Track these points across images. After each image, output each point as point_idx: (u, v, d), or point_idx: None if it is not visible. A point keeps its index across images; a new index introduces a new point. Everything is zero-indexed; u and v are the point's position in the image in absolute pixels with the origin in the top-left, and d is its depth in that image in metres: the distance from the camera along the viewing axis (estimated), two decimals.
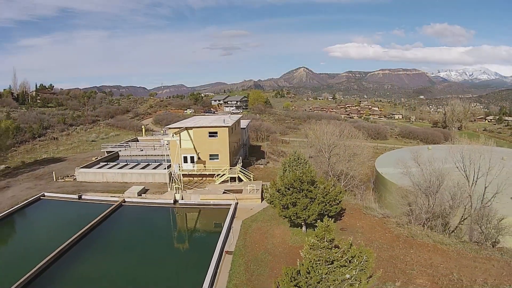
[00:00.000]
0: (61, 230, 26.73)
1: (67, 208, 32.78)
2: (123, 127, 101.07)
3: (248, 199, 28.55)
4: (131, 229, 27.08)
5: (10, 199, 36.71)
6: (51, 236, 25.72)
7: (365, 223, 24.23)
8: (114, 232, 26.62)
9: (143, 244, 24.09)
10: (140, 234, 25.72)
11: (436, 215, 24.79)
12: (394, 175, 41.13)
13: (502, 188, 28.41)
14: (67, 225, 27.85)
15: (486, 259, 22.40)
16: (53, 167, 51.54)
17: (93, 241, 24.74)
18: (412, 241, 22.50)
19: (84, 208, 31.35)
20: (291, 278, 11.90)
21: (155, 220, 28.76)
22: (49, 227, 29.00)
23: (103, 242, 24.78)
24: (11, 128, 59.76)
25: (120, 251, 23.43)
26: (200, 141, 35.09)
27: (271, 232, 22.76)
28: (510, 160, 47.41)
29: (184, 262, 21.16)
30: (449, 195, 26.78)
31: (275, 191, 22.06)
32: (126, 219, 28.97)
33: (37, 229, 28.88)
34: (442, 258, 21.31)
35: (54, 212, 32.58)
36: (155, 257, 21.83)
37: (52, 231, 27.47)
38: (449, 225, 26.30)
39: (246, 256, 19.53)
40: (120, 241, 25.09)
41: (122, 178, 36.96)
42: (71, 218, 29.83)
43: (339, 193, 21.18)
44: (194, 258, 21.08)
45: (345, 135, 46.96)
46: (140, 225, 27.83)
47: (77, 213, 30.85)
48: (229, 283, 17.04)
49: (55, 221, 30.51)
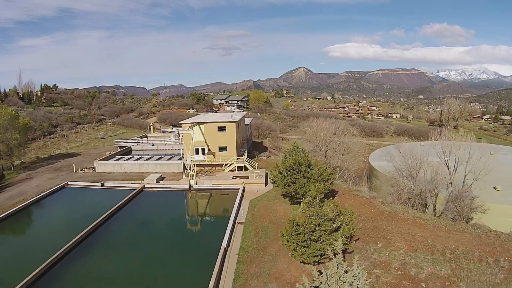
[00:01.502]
0: (89, 211, 30.27)
1: (91, 194, 36.81)
2: (129, 125, 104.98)
3: (254, 184, 32.72)
4: (153, 209, 31.33)
5: (36, 188, 40.56)
6: (81, 217, 29.04)
7: (354, 202, 28.29)
8: (138, 212, 30.75)
9: (166, 219, 28.33)
10: (161, 213, 29.99)
11: (416, 195, 28.88)
12: (384, 167, 45.27)
13: (480, 176, 32.55)
14: (94, 207, 31.58)
15: (459, 232, 26.39)
16: (70, 161, 55.42)
17: (120, 219, 28.72)
18: (394, 216, 26.57)
19: (108, 194, 35.40)
20: (293, 227, 15.95)
21: (173, 201, 33.13)
22: (77, 210, 32.86)
23: (129, 220, 28.83)
24: (29, 125, 63.91)
25: (146, 226, 27.53)
26: (210, 134, 39.26)
27: (274, 208, 26.89)
28: (496, 153, 52.03)
29: (204, 231, 25.50)
30: (428, 179, 30.93)
31: (278, 173, 26.17)
32: (147, 201, 33.18)
33: (66, 212, 32.68)
34: (420, 229, 25.33)
35: (80, 197, 36.53)
36: (178, 230, 26.14)
37: (81, 213, 30.96)
38: (428, 205, 30.41)
39: (255, 225, 23.67)
40: (145, 219, 29.20)
41: (139, 169, 41.03)
42: (97, 202, 33.80)
43: (331, 174, 25.22)
44: (213, 228, 25.45)
45: (340, 131, 51.04)
46: (160, 206, 32.13)
47: (102, 198, 34.86)
48: (242, 243, 21.19)
49: (82, 205, 34.41)
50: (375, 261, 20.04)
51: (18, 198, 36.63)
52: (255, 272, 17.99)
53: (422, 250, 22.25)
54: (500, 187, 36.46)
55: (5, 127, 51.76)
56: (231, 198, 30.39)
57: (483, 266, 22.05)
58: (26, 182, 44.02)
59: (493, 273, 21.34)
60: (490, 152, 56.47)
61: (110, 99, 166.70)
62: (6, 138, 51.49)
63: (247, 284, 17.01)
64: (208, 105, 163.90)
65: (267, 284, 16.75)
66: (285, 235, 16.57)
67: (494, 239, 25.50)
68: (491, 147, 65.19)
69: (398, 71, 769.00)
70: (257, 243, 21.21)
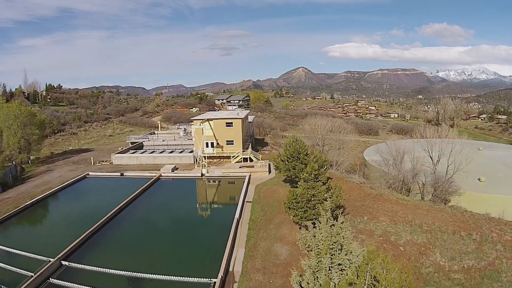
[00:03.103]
0: (113, 197, 34.04)
1: (112, 182, 41.01)
2: (135, 124, 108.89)
3: (258, 172, 37.10)
4: (171, 194, 35.89)
5: (58, 178, 44.48)
6: (106, 201, 32.93)
7: (346, 186, 32.45)
8: (158, 195, 35.09)
9: (183, 201, 32.82)
10: (179, 196, 34.55)
11: (400, 181, 33.16)
12: (375, 160, 49.62)
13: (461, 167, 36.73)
14: (116, 193, 35.55)
15: (437, 211, 30.54)
16: (85, 155, 59.42)
17: (142, 201, 32.96)
18: (380, 197, 30.84)
19: (128, 182, 39.59)
20: (293, 196, 20.19)
21: (188, 187, 37.84)
22: (101, 195, 37.19)
23: (151, 202, 33.07)
24: (46, 121, 68.15)
25: (166, 206, 31.96)
26: (219, 130, 43.71)
27: (277, 190, 31.24)
28: (485, 149, 56.59)
29: (218, 208, 29.95)
30: (410, 167, 35.26)
31: (280, 161, 30.47)
32: (165, 187, 37.67)
33: (92, 197, 36.95)
34: (402, 208, 29.55)
35: (102, 185, 40.74)
36: (195, 209, 30.49)
37: (106, 197, 35.36)
38: (411, 189, 34.71)
39: (261, 203, 28.03)
40: (164, 201, 33.60)
41: (154, 161, 45.34)
42: (119, 189, 37.96)
43: (325, 161, 29.43)
44: (225, 206, 29.99)
45: (336, 128, 55.36)
46: (177, 191, 36.81)
47: (123, 185, 39.03)
48: (251, 216, 25.60)
49: (105, 191, 38.68)
50: (361, 229, 24.29)
51: (44, 186, 40.49)
52: (263, 235, 22.28)
53: (402, 223, 26.46)
54: (484, 179, 40.91)
55: (24, 124, 55.65)
56: (239, 183, 34.77)
57: (456, 238, 26.08)
58: (48, 174, 47.86)
59: (465, 244, 25.35)
60: (479, 148, 61.06)
61: (114, 98, 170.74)
62: (26, 134, 55.36)
63: (257, 244, 21.28)
64: (210, 105, 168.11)
65: (273, 244, 21.02)
66: (287, 204, 20.78)
67: (469, 217, 29.50)
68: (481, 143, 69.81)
69: (398, 71, 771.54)
70: (264, 216, 25.56)
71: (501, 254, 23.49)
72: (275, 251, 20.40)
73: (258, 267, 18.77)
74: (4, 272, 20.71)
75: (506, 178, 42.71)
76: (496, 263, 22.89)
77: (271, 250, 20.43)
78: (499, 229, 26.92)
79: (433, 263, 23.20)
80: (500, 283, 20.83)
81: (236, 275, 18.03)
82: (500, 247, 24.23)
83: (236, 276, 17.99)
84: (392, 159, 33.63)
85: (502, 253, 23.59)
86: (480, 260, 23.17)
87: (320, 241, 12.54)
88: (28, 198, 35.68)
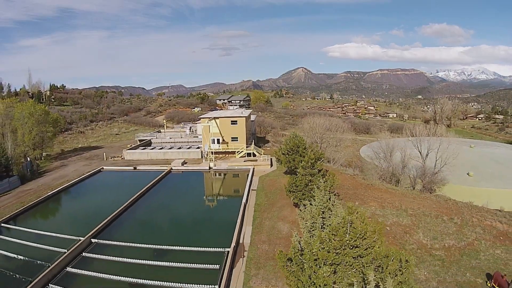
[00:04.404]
0: (128, 187, 37.33)
1: (126, 175, 44.34)
2: (139, 123, 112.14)
3: (261, 165, 40.72)
4: (182, 184, 39.52)
5: (74, 172, 47.54)
6: (123, 190, 36.26)
7: (340, 177, 35.84)
8: (170, 186, 38.61)
9: (194, 190, 36.31)
10: (189, 186, 38.05)
11: (389, 173, 36.62)
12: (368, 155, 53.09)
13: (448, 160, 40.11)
14: (131, 184, 38.77)
15: (423, 199, 33.84)
16: (95, 152, 62.60)
17: (156, 192, 36.32)
18: (371, 186, 34.28)
19: (141, 175, 42.96)
20: (293, 181, 23.58)
21: (198, 179, 41.56)
22: (118, 186, 40.52)
23: (165, 191, 36.50)
24: (59, 119, 71.58)
25: (179, 195, 35.41)
26: (224, 127, 47.32)
27: (279, 181, 34.72)
28: (477, 147, 60.27)
29: (226, 195, 33.60)
30: (400, 161, 38.78)
31: (281, 154, 33.95)
32: (176, 179, 41.33)
33: (109, 187, 40.31)
34: (390, 195, 32.94)
35: (118, 178, 44.04)
36: (204, 197, 33.93)
37: (122, 188, 38.59)
38: (400, 180, 38.18)
39: (264, 191, 31.55)
40: (177, 190, 37.13)
41: (164, 156, 48.82)
42: (133, 180, 41.24)
43: (321, 154, 32.81)
44: (232, 194, 33.40)
45: (333, 126, 58.87)
46: (187, 182, 40.48)
47: (136, 178, 42.34)
48: (256, 201, 29.15)
49: (121, 182, 41.98)
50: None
51: (62, 179, 43.54)
52: (267, 216, 25.76)
53: (389, 208, 29.84)
54: (472, 173, 44.42)
55: (39, 121, 58.84)
56: (244, 175, 38.34)
57: (438, 221, 29.17)
58: (63, 168, 50.97)
59: (447, 226, 28.38)
60: (471, 145, 64.67)
61: (117, 98, 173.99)
62: (40, 131, 58.54)
63: (262, 223, 24.73)
64: (211, 105, 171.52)
65: (276, 222, 24.47)
66: (288, 188, 24.21)
67: (452, 204, 32.65)
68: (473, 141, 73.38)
69: (397, 71, 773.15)
70: (267, 201, 29.07)
71: (480, 236, 25.94)
72: (278, 227, 23.85)
73: (264, 239, 22.22)
74: (39, 250, 23.37)
75: (494, 173, 46.13)
76: (475, 244, 25.34)
77: (274, 227, 23.87)
78: (480, 215, 29.53)
79: (416, 241, 26.36)
80: (479, 260, 23.19)
81: (245, 246, 21.49)
82: (480, 230, 26.73)
83: (246, 246, 21.45)
84: (383, 153, 37.10)
85: (481, 235, 26.05)
86: (460, 240, 25.82)
87: (314, 206, 15.82)
88: (49, 189, 38.70)
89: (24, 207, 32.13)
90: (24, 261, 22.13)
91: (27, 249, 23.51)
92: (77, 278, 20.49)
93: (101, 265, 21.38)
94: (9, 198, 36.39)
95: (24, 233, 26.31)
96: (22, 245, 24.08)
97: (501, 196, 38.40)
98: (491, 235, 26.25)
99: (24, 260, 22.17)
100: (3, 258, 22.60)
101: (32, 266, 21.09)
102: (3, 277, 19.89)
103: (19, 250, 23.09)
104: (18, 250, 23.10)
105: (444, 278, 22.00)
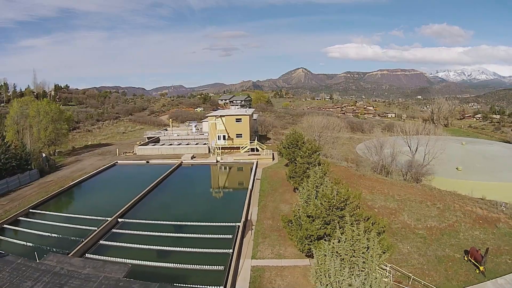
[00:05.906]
0: (143, 178, 40.71)
1: (140, 169, 48.18)
2: (143, 122, 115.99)
3: (264, 159, 44.84)
4: (192, 176, 43.53)
5: (90, 166, 51.10)
6: (138, 181, 39.81)
7: (335, 169, 39.88)
8: (182, 177, 42.60)
9: (204, 181, 40.37)
10: (199, 177, 42.10)
11: (380, 165, 40.56)
12: (362, 149, 57.02)
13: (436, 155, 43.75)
14: (146, 176, 42.33)
15: (409, 187, 37.53)
16: (107, 149, 66.27)
17: (170, 182, 40.20)
18: (363, 176, 38.19)
19: (154, 168, 46.80)
20: (292, 169, 27.47)
21: (206, 171, 45.69)
22: (133, 177, 44.27)
23: (177, 181, 40.42)
24: (72, 117, 75.51)
25: (190, 184, 39.28)
26: (229, 124, 51.35)
27: (280, 171, 38.73)
28: (468, 144, 64.16)
29: (233, 184, 37.40)
30: (390, 154, 42.77)
31: (282, 148, 37.98)
32: (187, 171, 45.37)
33: (126, 178, 44.02)
34: (380, 184, 36.80)
35: (132, 170, 47.84)
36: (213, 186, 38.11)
37: (137, 179, 42.35)
38: (390, 172, 42.10)
39: (268, 179, 35.66)
40: (188, 180, 41.06)
41: (173, 151, 52.81)
42: (147, 172, 44.99)
43: (319, 147, 36.70)
44: (239, 182, 37.38)
45: (330, 125, 62.90)
46: (197, 173, 44.58)
47: (150, 170, 46.10)
48: (261, 188, 33.24)
49: (136, 174, 45.74)
50: None
51: (80, 172, 47.08)
52: (270, 199, 29.76)
53: (378, 194, 33.69)
54: (461, 168, 48.18)
55: (54, 119, 62.49)
56: (248, 168, 42.43)
57: (422, 206, 32.32)
58: (78, 163, 54.51)
59: (430, 210, 31.48)
60: (462, 142, 68.54)
61: (121, 98, 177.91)
62: (56, 128, 62.18)
63: (266, 204, 28.73)
64: (213, 105, 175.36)
65: (278, 204, 28.48)
66: (288, 174, 28.16)
67: (436, 192, 35.95)
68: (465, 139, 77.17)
69: (397, 72, 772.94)
70: (271, 187, 33.10)
71: (461, 219, 28.48)
72: (280, 208, 27.81)
73: (268, 217, 26.18)
74: (71, 230, 26.40)
75: (481, 167, 49.81)
76: (455, 225, 28.11)
77: (277, 208, 27.83)
78: (462, 202, 32.49)
79: (401, 222, 29.81)
80: (458, 239, 25.50)
81: (253, 221, 25.45)
82: (460, 214, 29.34)
83: (253, 222, 25.42)
84: (374, 148, 41.13)
85: (461, 218, 28.60)
86: (441, 222, 28.66)
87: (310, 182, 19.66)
88: (70, 180, 42.49)
89: (50, 195, 35.49)
90: (58, 238, 25.30)
91: (60, 228, 26.37)
92: (109, 248, 24.16)
93: (129, 238, 25.15)
94: (32, 188, 39.43)
95: (53, 216, 29.42)
96: (55, 226, 26.88)
97: (485, 187, 41.37)
98: (471, 218, 28.72)
99: (58, 237, 25.31)
100: (38, 237, 25.18)
101: (67, 242, 23.89)
102: (42, 251, 21.94)
103: (52, 230, 25.92)
104: (51, 230, 25.92)
105: (425, 252, 24.77)
